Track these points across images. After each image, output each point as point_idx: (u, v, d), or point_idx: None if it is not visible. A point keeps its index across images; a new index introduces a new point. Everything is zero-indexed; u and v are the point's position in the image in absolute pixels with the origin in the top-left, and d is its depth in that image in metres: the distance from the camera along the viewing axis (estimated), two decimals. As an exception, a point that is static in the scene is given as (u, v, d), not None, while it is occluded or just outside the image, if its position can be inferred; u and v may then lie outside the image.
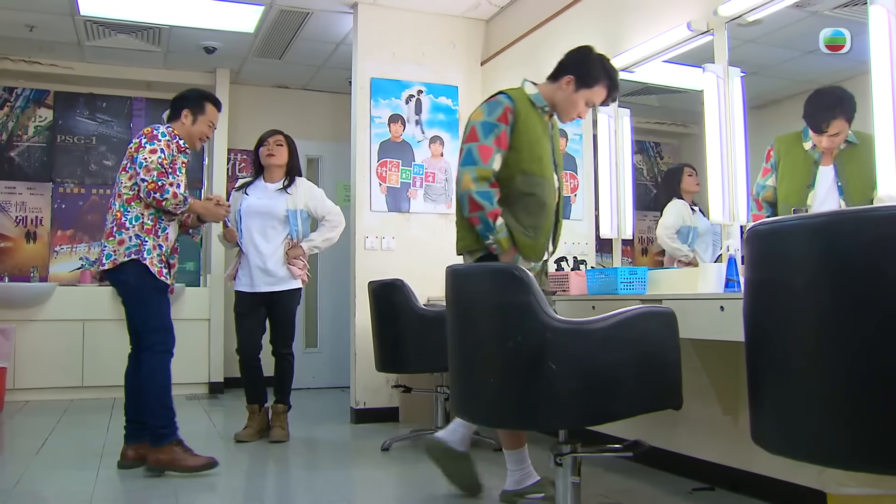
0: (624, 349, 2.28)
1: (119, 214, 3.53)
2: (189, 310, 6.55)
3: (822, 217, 1.64)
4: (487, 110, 2.89)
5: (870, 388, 1.49)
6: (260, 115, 6.84)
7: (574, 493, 2.50)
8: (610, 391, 2.26)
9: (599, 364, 2.25)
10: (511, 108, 2.87)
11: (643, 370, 2.30)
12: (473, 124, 2.89)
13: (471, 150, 2.84)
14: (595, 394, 2.25)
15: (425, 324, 3.97)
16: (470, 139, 2.87)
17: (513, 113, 2.87)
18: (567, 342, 2.24)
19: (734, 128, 3.27)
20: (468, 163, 2.82)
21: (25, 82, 6.70)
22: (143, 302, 3.55)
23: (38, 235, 6.68)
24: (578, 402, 2.25)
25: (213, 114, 3.80)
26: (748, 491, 3.09)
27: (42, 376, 6.11)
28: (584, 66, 2.98)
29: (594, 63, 2.99)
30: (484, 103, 2.95)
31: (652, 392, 2.33)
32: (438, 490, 3.47)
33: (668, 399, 2.35)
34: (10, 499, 3.19)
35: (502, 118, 2.85)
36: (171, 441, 3.50)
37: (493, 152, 2.82)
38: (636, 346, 2.30)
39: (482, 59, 5.58)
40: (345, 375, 5.49)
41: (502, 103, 2.88)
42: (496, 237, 2.81)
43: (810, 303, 1.58)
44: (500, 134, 2.84)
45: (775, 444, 1.73)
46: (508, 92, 2.94)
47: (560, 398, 2.24)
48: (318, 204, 4.58)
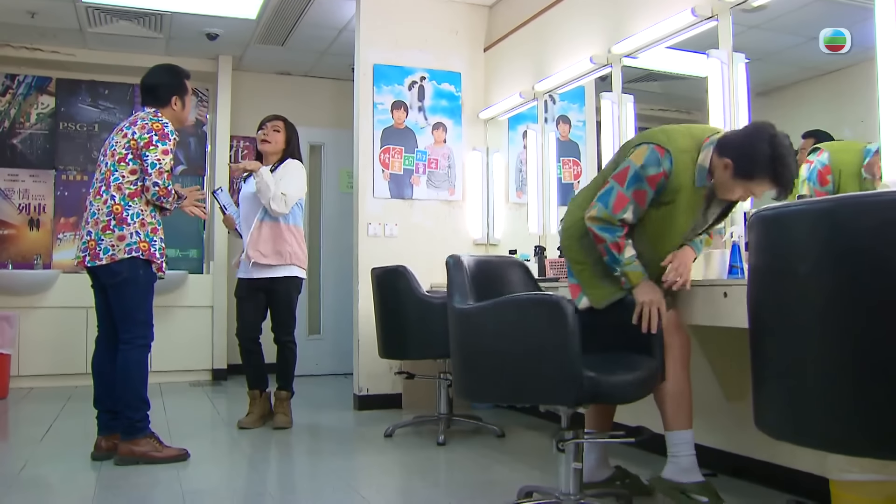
0: (505, 335, 2.43)
1: (120, 208, 3.47)
2: (192, 297, 6.58)
3: (826, 202, 1.63)
4: (647, 160, 2.63)
5: (875, 373, 1.49)
6: (262, 102, 6.81)
7: (576, 479, 2.50)
8: (495, 375, 2.44)
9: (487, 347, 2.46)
10: (668, 173, 2.61)
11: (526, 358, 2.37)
12: (629, 164, 2.66)
13: (611, 191, 2.65)
14: (484, 374, 2.48)
15: (428, 310, 3.97)
16: (618, 177, 2.67)
17: (667, 178, 2.62)
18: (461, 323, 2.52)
19: (738, 114, 3.26)
20: (603, 201, 2.66)
21: (27, 69, 6.69)
22: (132, 295, 3.52)
23: (41, 223, 6.68)
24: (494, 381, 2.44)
25: (190, 88, 3.79)
26: (751, 477, 3.10)
27: (46, 363, 6.13)
28: (747, 155, 2.55)
29: (760, 154, 2.51)
30: (650, 145, 2.65)
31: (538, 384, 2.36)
32: (441, 476, 3.48)
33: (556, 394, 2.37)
34: (15, 484, 3.20)
35: (652, 180, 2.62)
36: (145, 434, 3.51)
37: (629, 204, 2.63)
38: (516, 333, 2.40)
39: (485, 46, 5.55)
40: (348, 362, 5.50)
41: (662, 165, 2.61)
42: (623, 269, 2.65)
43: (815, 288, 1.57)
44: (643, 193, 2.63)
45: (779, 429, 1.73)
46: (676, 153, 2.63)
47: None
48: (284, 180, 4.36)
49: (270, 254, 4.36)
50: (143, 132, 3.51)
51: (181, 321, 6.43)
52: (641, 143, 2.69)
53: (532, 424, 4.46)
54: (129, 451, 3.47)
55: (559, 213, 4.62)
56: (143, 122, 3.55)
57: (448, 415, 4.21)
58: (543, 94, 4.80)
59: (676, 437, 2.63)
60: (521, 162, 5.19)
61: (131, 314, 3.52)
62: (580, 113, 4.73)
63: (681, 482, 2.59)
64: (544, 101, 4.83)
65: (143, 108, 3.68)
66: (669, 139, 2.67)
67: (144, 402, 3.53)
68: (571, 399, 2.33)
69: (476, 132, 5.51)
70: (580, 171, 4.62)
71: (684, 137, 2.69)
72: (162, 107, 3.66)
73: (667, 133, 2.71)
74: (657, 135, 2.71)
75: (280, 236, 4.39)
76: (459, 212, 5.42)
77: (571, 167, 4.70)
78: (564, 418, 2.54)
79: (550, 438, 2.52)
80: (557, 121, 4.84)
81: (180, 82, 3.74)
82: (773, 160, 2.49)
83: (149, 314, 3.58)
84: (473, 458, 3.68)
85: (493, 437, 4.12)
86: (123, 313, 3.53)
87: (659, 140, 2.66)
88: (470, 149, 5.47)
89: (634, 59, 4.00)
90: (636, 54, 3.97)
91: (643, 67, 4.06)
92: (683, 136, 2.69)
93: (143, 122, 3.55)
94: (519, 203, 5.21)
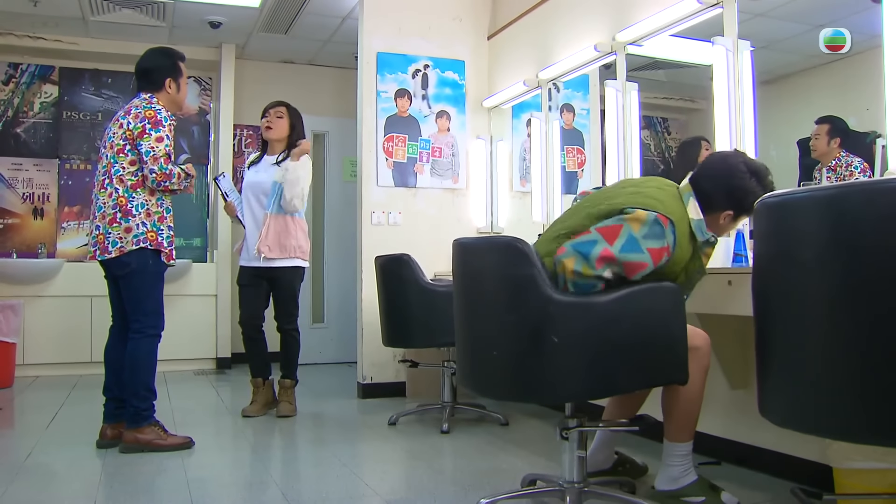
0: (629, 324, 2.28)
1: (124, 200, 3.49)
2: (196, 285, 6.60)
3: (831, 189, 1.63)
4: (648, 231, 2.36)
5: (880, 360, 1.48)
6: (266, 91, 6.78)
7: (580, 467, 2.51)
8: (613, 365, 2.27)
9: (604, 338, 2.25)
10: (670, 251, 2.40)
11: (648, 344, 2.29)
12: (623, 224, 2.37)
13: (594, 244, 2.34)
14: (598, 367, 2.26)
15: (432, 298, 3.97)
16: (608, 234, 2.36)
17: (670, 254, 2.41)
18: (570, 316, 2.24)
19: (743, 102, 3.24)
20: (582, 253, 2.33)
21: (31, 58, 6.68)
22: (142, 285, 3.54)
23: (45, 212, 6.69)
24: (582, 375, 2.26)
25: (184, 69, 3.77)
26: (754, 465, 3.10)
27: (51, 352, 6.15)
28: (741, 197, 2.49)
29: (750, 186, 2.47)
30: (651, 214, 2.38)
31: (657, 366, 2.33)
32: (444, 464, 3.49)
33: (672, 374, 2.35)
34: (21, 472, 3.22)
35: (656, 255, 2.36)
36: (150, 422, 3.53)
37: (610, 266, 2.33)
38: (641, 321, 2.29)
39: (489, 33, 5.53)
40: (352, 350, 5.52)
41: (664, 241, 2.38)
42: None
43: (820, 275, 1.57)
44: (636, 264, 2.35)
45: (783, 417, 1.73)
46: (679, 223, 2.42)
47: (563, 371, 2.25)
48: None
49: (276, 248, 4.38)
50: (137, 121, 3.51)
51: (185, 310, 6.44)
52: (637, 209, 2.40)
53: (536, 412, 4.47)
54: (133, 440, 3.49)
55: (563, 202, 4.62)
56: (136, 111, 3.54)
57: (452, 403, 4.21)
58: (547, 82, 4.79)
59: (676, 449, 2.56)
60: (525, 150, 5.18)
61: (141, 304, 3.55)
62: (584, 101, 4.72)
63: (674, 489, 2.56)
64: (548, 90, 4.82)
65: (139, 94, 3.67)
66: (664, 205, 2.44)
67: (151, 392, 3.56)
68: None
69: (480, 120, 5.50)
70: (584, 160, 4.61)
71: (671, 199, 2.49)
72: (157, 91, 3.65)
73: (656, 198, 2.46)
74: (650, 202, 2.43)
75: (286, 230, 4.41)
76: (463, 200, 5.42)
77: (575, 156, 4.69)
78: (568, 406, 2.54)
79: (554, 426, 2.52)
80: (561, 109, 4.83)
81: (172, 63, 3.71)
82: (762, 185, 2.48)
83: (159, 304, 3.61)
84: (477, 446, 3.69)
85: (497, 425, 4.13)
86: (134, 304, 3.55)
87: (659, 208, 2.41)
88: (474, 137, 5.46)
89: (639, 47, 3.98)
90: (641, 42, 3.95)
91: (648, 55, 4.04)
92: (669, 197, 2.50)
93: (137, 110, 3.55)
94: (523, 192, 5.20)
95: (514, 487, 2.86)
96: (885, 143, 2.67)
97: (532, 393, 2.37)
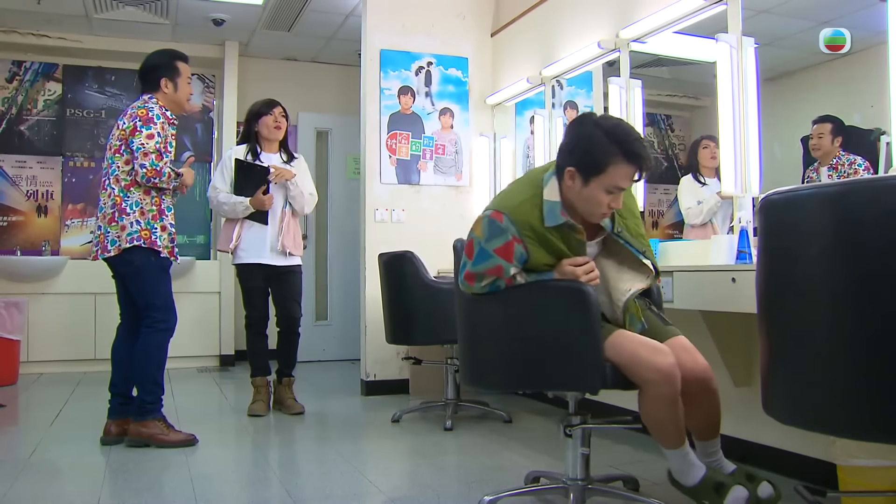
0: (518, 321, 2.40)
1: (119, 200, 3.53)
2: (199, 283, 6.60)
3: (836, 186, 1.63)
4: (489, 232, 2.35)
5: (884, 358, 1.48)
6: (269, 88, 6.75)
7: (583, 464, 2.51)
8: (517, 360, 2.42)
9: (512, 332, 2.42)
10: (519, 240, 2.33)
11: (541, 345, 2.35)
12: (473, 237, 2.41)
13: (463, 264, 2.44)
14: (513, 363, 2.43)
15: (435, 296, 3.97)
16: (468, 251, 2.42)
17: (522, 244, 2.34)
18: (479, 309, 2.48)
19: (747, 99, 3.23)
20: (459, 274, 2.47)
21: (34, 56, 6.69)
22: (147, 282, 3.57)
23: (48, 209, 6.70)
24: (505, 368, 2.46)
25: (187, 70, 3.76)
26: (758, 463, 3.10)
27: (55, 349, 6.17)
28: (582, 148, 2.31)
29: (595, 139, 2.28)
30: (485, 214, 2.39)
31: (556, 370, 2.34)
32: (448, 461, 3.49)
33: (570, 381, 2.37)
34: (25, 468, 3.22)
35: (505, 254, 2.33)
36: (155, 416, 3.55)
37: (478, 279, 2.40)
38: (530, 320, 2.38)
39: (492, 31, 5.53)
40: (355, 348, 5.52)
41: (506, 234, 2.33)
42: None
43: (825, 272, 1.57)
44: (493, 270, 2.36)
45: (788, 414, 1.73)
46: (512, 209, 2.35)
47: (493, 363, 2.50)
48: (306, 181, 4.55)
49: (296, 245, 4.47)
50: (130, 121, 3.56)
51: (189, 307, 6.41)
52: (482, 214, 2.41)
53: (539, 410, 4.47)
54: (137, 432, 3.51)
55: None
56: (131, 112, 3.60)
57: (455, 400, 4.22)
58: (551, 79, 4.78)
59: (668, 454, 2.43)
60: (529, 147, 5.18)
61: (150, 300, 3.58)
62: (588, 98, 4.71)
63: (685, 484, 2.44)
64: (552, 87, 4.81)
65: (140, 95, 3.70)
66: (504, 198, 2.43)
67: (158, 386, 3.57)
68: (595, 386, 2.32)
69: (483, 118, 5.50)
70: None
71: (518, 189, 2.44)
72: (154, 91, 3.67)
73: (504, 193, 2.47)
74: (496, 201, 2.45)
75: (297, 228, 4.53)
76: (466, 197, 5.41)
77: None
78: (572, 403, 2.54)
79: (558, 424, 2.52)
80: (565, 106, 4.82)
81: (168, 63, 3.71)
82: (610, 135, 2.26)
83: (167, 298, 3.62)
84: (481, 444, 3.69)
85: (501, 422, 4.13)
86: (142, 300, 3.59)
87: (493, 205, 2.40)
88: (477, 134, 5.46)
89: (643, 44, 3.97)
90: (644, 39, 3.94)
91: (651, 52, 4.03)
92: (519, 186, 2.47)
93: (132, 110, 3.60)
94: (526, 189, 5.19)
95: (517, 484, 2.86)
96: (889, 140, 2.67)
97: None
